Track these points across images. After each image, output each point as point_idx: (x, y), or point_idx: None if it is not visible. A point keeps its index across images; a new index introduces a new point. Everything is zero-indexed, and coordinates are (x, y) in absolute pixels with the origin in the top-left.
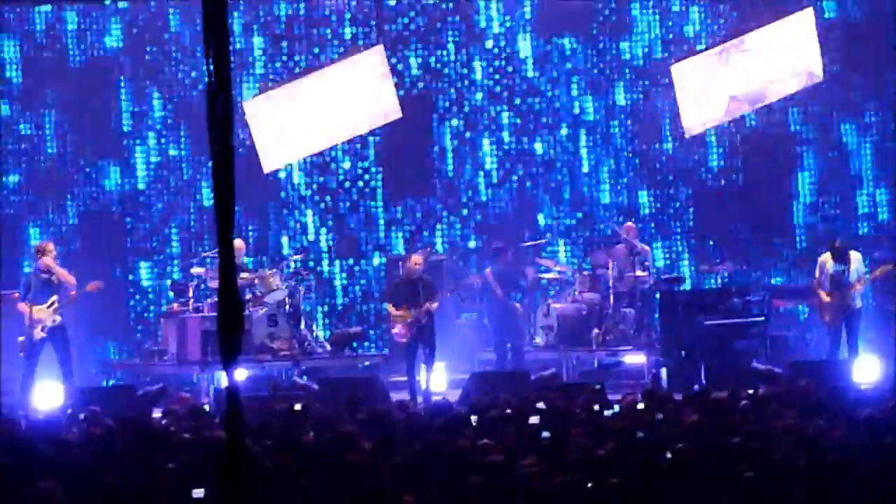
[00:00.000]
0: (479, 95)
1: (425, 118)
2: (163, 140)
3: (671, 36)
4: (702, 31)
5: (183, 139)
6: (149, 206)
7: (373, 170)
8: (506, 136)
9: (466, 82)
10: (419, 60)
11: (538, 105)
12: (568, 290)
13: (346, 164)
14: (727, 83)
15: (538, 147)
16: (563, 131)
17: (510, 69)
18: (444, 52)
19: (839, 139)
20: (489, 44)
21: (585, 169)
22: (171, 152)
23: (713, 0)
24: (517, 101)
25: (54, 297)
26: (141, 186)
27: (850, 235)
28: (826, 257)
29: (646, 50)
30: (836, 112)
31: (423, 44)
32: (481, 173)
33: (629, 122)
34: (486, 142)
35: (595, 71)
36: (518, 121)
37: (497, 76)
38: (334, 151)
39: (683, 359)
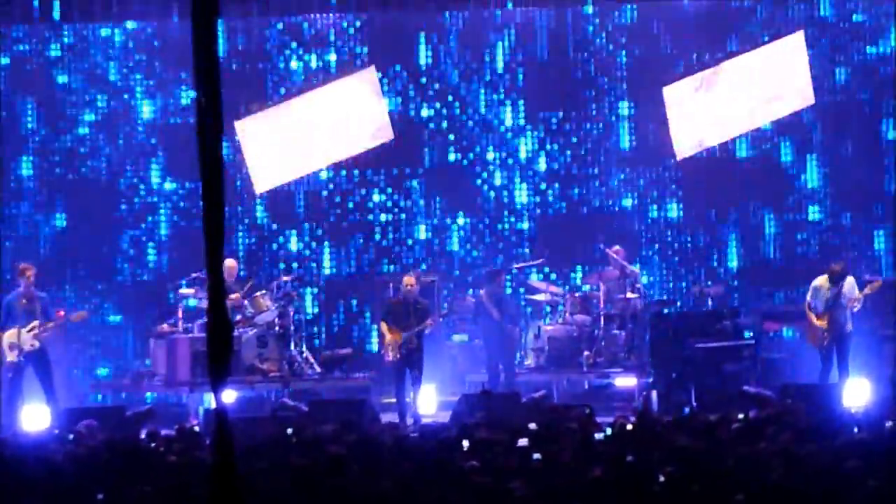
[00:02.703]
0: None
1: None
2: None
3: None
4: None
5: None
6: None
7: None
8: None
9: None
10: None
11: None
12: (559, 312)
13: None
14: (718, 106)
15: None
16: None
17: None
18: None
19: None
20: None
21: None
22: None
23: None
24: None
25: (35, 322)
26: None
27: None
28: (822, 280)
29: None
30: None
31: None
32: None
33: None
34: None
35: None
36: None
37: None
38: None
39: (674, 381)
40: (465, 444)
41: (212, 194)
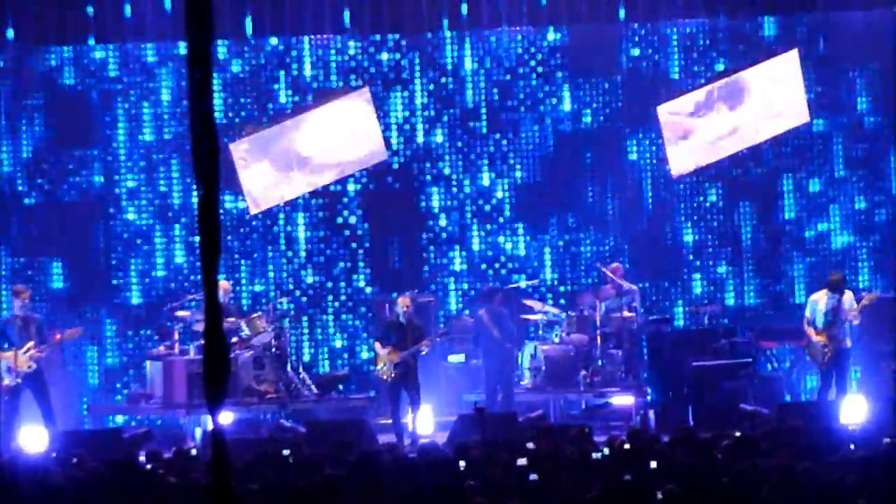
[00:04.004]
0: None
1: None
2: None
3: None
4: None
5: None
6: None
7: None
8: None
9: None
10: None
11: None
12: (555, 332)
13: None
14: (713, 124)
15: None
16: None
17: None
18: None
19: None
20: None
21: None
22: None
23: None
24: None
25: (30, 343)
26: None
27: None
28: (819, 295)
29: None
30: None
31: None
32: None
33: None
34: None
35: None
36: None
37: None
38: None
39: (671, 400)
40: (462, 463)
41: (208, 213)
